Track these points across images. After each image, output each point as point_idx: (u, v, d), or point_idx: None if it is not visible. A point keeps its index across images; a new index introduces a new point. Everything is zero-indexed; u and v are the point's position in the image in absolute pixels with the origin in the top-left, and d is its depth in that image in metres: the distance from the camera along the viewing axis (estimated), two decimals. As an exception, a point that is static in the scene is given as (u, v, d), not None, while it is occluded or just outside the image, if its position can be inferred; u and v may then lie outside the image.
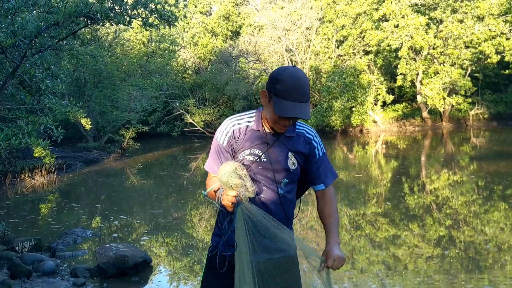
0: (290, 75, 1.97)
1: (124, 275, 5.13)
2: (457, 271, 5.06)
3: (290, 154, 2.11)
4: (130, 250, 5.36)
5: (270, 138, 2.10)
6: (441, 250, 5.83)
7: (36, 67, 5.84)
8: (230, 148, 2.12)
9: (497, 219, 7.20)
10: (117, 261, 5.10)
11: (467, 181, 10.34)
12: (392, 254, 5.82)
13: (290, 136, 2.13)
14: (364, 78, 21.06)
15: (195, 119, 23.83)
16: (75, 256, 6.07)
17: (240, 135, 2.11)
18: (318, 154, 2.19)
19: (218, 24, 28.86)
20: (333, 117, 20.53)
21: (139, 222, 8.01)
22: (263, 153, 2.08)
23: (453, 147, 16.59)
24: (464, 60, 20.12)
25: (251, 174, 2.07)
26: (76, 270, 5.20)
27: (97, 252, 5.30)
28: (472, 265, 5.27)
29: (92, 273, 5.20)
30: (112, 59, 19.69)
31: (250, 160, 2.08)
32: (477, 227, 6.86)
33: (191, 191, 11.63)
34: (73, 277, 5.12)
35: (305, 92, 1.96)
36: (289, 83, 1.95)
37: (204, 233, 7.35)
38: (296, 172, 2.15)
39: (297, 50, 23.70)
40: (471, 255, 5.59)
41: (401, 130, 21.98)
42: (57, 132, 5.08)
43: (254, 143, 2.10)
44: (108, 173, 15.16)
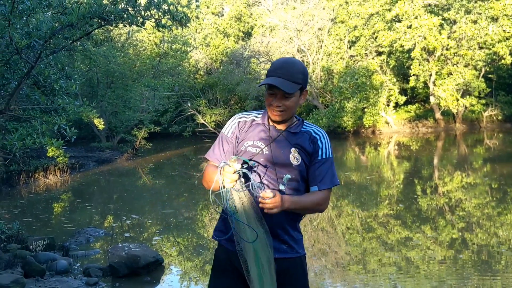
0: (280, 59, 2.11)
1: (136, 274, 5.16)
2: (470, 274, 5.01)
3: (293, 149, 2.10)
4: (142, 250, 5.38)
5: (273, 132, 2.12)
6: (454, 252, 5.78)
7: (51, 68, 5.91)
8: (234, 138, 2.16)
9: (510, 221, 7.11)
10: (129, 260, 5.13)
11: (480, 183, 10.23)
12: (404, 257, 5.78)
13: (294, 132, 2.13)
14: (376, 78, 20.95)
15: (207, 120, 23.90)
16: (87, 255, 6.13)
17: (245, 126, 2.16)
18: (321, 155, 2.13)
19: (230, 25, 28.92)
20: (345, 118, 20.45)
21: (150, 221, 8.06)
22: (266, 146, 2.09)
23: (466, 148, 16.43)
24: (477, 61, 19.92)
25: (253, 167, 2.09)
26: (89, 269, 5.24)
27: (109, 252, 5.34)
28: (485, 268, 5.22)
29: (105, 273, 5.24)
30: (125, 59, 19.83)
31: (252, 151, 2.09)
32: (490, 229, 6.79)
33: (202, 191, 11.66)
34: (86, 276, 5.16)
35: (287, 70, 2.01)
36: (276, 63, 2.06)
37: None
38: (300, 168, 2.10)
39: (309, 50, 23.65)
40: (484, 258, 5.54)
41: (414, 131, 21.82)
42: (71, 132, 5.13)
43: (258, 135, 2.12)
44: (120, 172, 15.28)
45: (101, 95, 19.10)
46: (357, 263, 5.72)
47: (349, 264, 5.70)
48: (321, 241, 6.69)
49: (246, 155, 2.09)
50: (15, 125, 5.88)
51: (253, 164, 2.05)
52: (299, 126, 2.16)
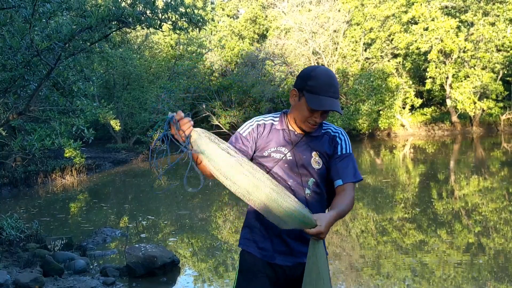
0: (323, 72, 2.02)
1: (153, 275, 5.21)
2: (486, 279, 4.96)
3: (314, 153, 2.10)
4: (158, 250, 5.44)
5: (294, 137, 2.11)
6: (470, 257, 5.72)
7: (70, 70, 6.01)
8: (251, 139, 2.12)
9: (529, 227, 7.01)
10: (145, 261, 5.18)
11: (497, 187, 10.10)
12: (419, 260, 5.74)
13: (315, 135, 2.13)
14: (392, 81, 20.81)
15: (221, 121, 23.99)
16: (104, 255, 6.21)
17: (264, 130, 2.13)
18: (341, 151, 2.12)
19: (245, 27, 29.00)
20: (360, 120, 20.34)
21: (166, 222, 8.13)
22: (289, 151, 2.09)
23: (484, 152, 16.22)
24: (495, 63, 19.67)
25: (278, 172, 2.08)
26: (106, 269, 5.31)
27: (126, 252, 5.40)
28: (502, 273, 5.16)
29: (121, 273, 5.30)
30: (141, 61, 20.03)
31: (276, 157, 2.08)
32: (508, 234, 6.70)
33: (216, 192, 11.71)
34: (103, 276, 5.23)
35: (337, 89, 2.02)
36: (323, 79, 1.99)
37: (229, 235, 7.40)
38: (321, 172, 2.11)
39: (324, 53, 23.60)
40: (501, 263, 5.47)
41: (430, 134, 21.62)
42: (89, 133, 5.21)
43: (280, 141, 2.10)
44: (136, 173, 15.43)
45: (117, 97, 19.31)
46: (372, 266, 5.69)
47: (363, 267, 5.68)
48: (336, 244, 6.67)
49: (270, 161, 2.09)
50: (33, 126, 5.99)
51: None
52: (319, 129, 2.15)
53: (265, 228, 2.10)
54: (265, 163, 2.11)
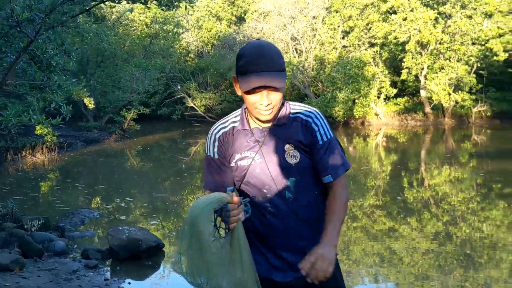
0: (251, 46, 1.69)
1: (137, 258, 5.08)
2: (453, 267, 5.05)
3: (287, 146, 1.76)
4: (143, 234, 5.31)
5: (258, 133, 1.78)
6: (437, 245, 5.82)
7: (50, 43, 5.79)
8: (223, 158, 1.83)
9: (494, 216, 7.18)
10: (129, 244, 5.05)
11: (466, 178, 10.31)
12: (388, 247, 5.81)
13: (282, 124, 1.78)
14: (368, 70, 20.92)
15: (196, 103, 23.73)
16: (83, 237, 6.04)
17: (228, 138, 1.81)
18: (321, 139, 1.78)
19: (223, 8, 28.58)
20: (336, 108, 20.42)
21: (145, 205, 8.00)
22: (256, 153, 1.77)
23: (454, 143, 16.54)
24: (470, 56, 19.98)
25: (250, 181, 1.79)
26: (88, 251, 5.14)
27: (109, 234, 5.25)
28: (468, 261, 5.26)
29: (104, 255, 5.15)
30: (116, 38, 19.55)
31: (244, 165, 1.78)
32: (474, 224, 6.85)
33: (191, 176, 11.61)
34: (85, 258, 5.07)
35: (271, 59, 1.64)
36: (250, 54, 1.66)
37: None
38: (302, 166, 1.77)
39: (302, 39, 23.52)
40: (467, 252, 5.58)
41: (403, 124, 21.91)
42: (67, 110, 5.05)
43: (244, 145, 1.79)
44: (109, 153, 15.16)
45: (90, 74, 18.83)
46: (341, 252, 5.73)
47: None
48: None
49: (238, 173, 1.80)
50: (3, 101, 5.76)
51: (247, 201, 1.74)
52: (286, 115, 1.79)
53: (258, 242, 1.84)
54: (236, 178, 1.82)
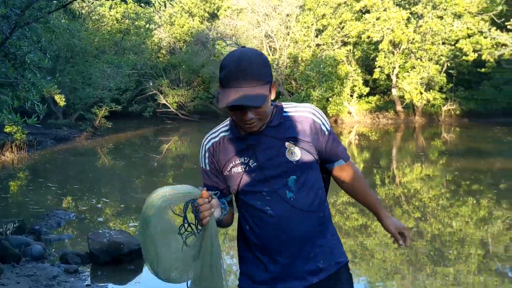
0: (231, 56, 1.58)
1: (118, 262, 4.92)
2: (424, 263, 5.09)
3: (287, 143, 1.68)
4: (124, 237, 5.15)
5: (251, 138, 1.69)
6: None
7: (26, 39, 5.58)
8: (215, 170, 1.77)
9: (463, 213, 7.30)
10: (110, 247, 4.89)
11: (436, 175, 10.48)
12: (360, 243, 5.83)
13: (277, 124, 1.70)
14: (342, 69, 21.09)
15: (169, 100, 23.45)
16: (61, 240, 5.83)
17: (219, 148, 1.75)
18: (326, 129, 1.76)
19: (196, 4, 28.30)
20: (310, 106, 20.56)
21: (122, 206, 7.79)
22: (249, 158, 1.69)
23: (424, 141, 16.82)
24: (440, 56, 20.36)
25: (246, 189, 1.71)
26: (67, 255, 4.96)
27: (89, 238, 5.06)
28: (438, 257, 5.32)
29: (83, 259, 4.98)
30: (86, 34, 19.11)
31: (238, 172, 1.70)
32: (444, 220, 6.95)
33: (165, 175, 11.45)
34: (64, 263, 4.88)
35: (251, 73, 1.54)
36: (230, 65, 1.56)
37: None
38: (303, 162, 1.69)
39: (276, 36, 23.52)
40: (437, 247, 5.65)
41: (375, 122, 22.18)
42: (42, 109, 4.88)
43: (236, 151, 1.71)
44: (80, 152, 14.82)
45: (59, 70, 18.36)
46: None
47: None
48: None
49: (233, 180, 1.71)
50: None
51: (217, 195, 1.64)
52: (279, 115, 1.71)
53: (256, 255, 1.75)
54: (231, 186, 1.75)
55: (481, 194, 8.43)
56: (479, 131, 18.61)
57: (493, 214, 7.13)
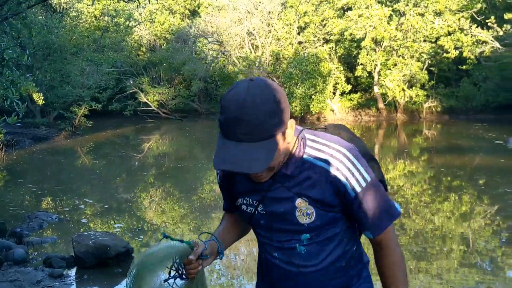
0: (234, 96, 1.25)
1: (105, 265, 4.74)
2: (407, 259, 5.06)
3: (299, 202, 1.37)
4: (110, 238, 4.97)
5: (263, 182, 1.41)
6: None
7: (4, 35, 5.37)
8: (227, 191, 1.57)
9: (445, 209, 7.32)
10: (97, 250, 4.71)
11: (418, 172, 10.52)
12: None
13: (293, 173, 1.37)
14: (324, 66, 21.09)
15: (149, 99, 23.15)
16: (44, 243, 5.61)
17: (231, 175, 1.51)
18: (354, 190, 1.35)
19: (176, 1, 28.03)
20: (294, 104, 20.49)
21: (106, 206, 7.55)
22: (258, 203, 1.43)
23: (406, 138, 16.92)
24: (422, 53, 20.51)
25: (257, 229, 1.52)
26: (51, 259, 4.75)
27: (74, 240, 4.87)
28: (421, 253, 5.30)
29: (68, 263, 4.78)
30: (65, 30, 18.74)
31: (247, 211, 1.48)
32: (427, 216, 6.94)
33: (148, 174, 11.28)
34: (48, 267, 4.68)
35: (252, 124, 1.22)
36: (230, 111, 1.24)
37: (178, 216, 7.10)
38: (317, 225, 1.39)
39: (258, 34, 23.43)
40: (419, 244, 5.63)
41: (357, 119, 22.25)
42: (22, 108, 4.71)
43: (246, 187, 1.46)
44: (59, 151, 14.52)
45: (37, 68, 17.96)
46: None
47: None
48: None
49: (244, 216, 1.51)
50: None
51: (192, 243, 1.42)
52: (297, 160, 1.37)
53: (262, 274, 1.61)
54: (243, 218, 1.54)
55: (462, 190, 8.47)
56: (459, 127, 18.80)
57: (474, 210, 7.16)
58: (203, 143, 16.61)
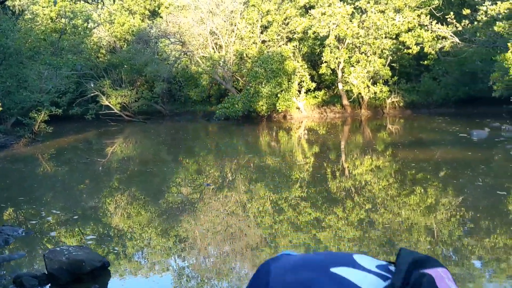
0: None
1: (80, 282, 4.50)
2: (377, 252, 5.06)
3: None
4: (84, 253, 4.72)
5: None
6: (361, 232, 5.84)
7: None
8: None
9: (411, 202, 7.40)
10: (71, 266, 4.47)
11: (384, 166, 10.64)
12: (313, 237, 5.73)
13: None
14: (289, 65, 21.13)
15: (111, 101, 22.59)
16: (11, 260, 5.27)
17: None
18: None
19: (136, 2, 27.50)
20: (260, 103, 20.43)
21: (76, 217, 7.14)
22: None
23: (371, 133, 17.16)
24: (384, 50, 20.84)
25: None
26: (21, 278, 4.45)
27: (46, 257, 4.59)
28: (390, 246, 5.32)
29: (41, 281, 4.50)
30: (20, 34, 18.06)
31: None
32: (394, 209, 7.00)
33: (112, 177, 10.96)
34: (18, 286, 4.39)
35: None
36: None
37: (144, 221, 6.86)
38: None
39: (221, 33, 23.26)
40: (388, 236, 5.65)
41: (322, 116, 22.43)
42: None
43: None
44: (20, 160, 13.93)
45: (-10, 73, 17.23)
46: (268, 245, 5.58)
47: (259, 246, 5.54)
48: (232, 225, 6.46)
49: None
50: None
51: None
52: None
53: None
54: None
55: (427, 183, 8.61)
56: (422, 121, 19.22)
57: (439, 202, 7.27)
58: (168, 145, 16.34)
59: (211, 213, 7.14)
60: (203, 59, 22.94)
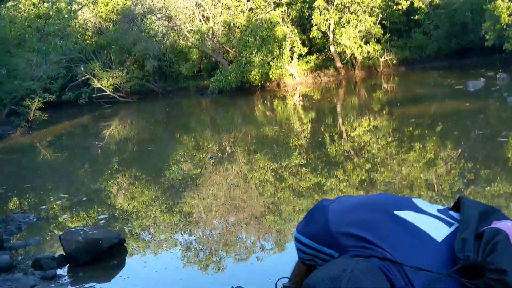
0: None
1: (99, 260, 4.54)
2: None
3: None
4: (100, 232, 4.74)
5: None
6: (363, 193, 5.91)
7: None
8: None
9: (411, 159, 7.46)
10: (88, 245, 4.49)
11: (382, 126, 10.67)
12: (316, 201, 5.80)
13: None
14: (279, 31, 20.84)
15: (104, 84, 22.37)
16: (27, 245, 5.31)
17: None
18: None
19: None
20: (253, 73, 20.24)
21: (84, 199, 7.17)
22: None
23: (367, 94, 17.12)
24: (373, 8, 20.55)
25: None
26: (40, 261, 4.47)
27: (62, 239, 4.62)
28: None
29: (59, 262, 4.53)
30: (5, 22, 17.76)
31: None
32: (394, 167, 7.07)
33: (112, 158, 11.01)
34: (38, 269, 4.39)
35: None
36: None
37: (155, 202, 6.94)
38: None
39: (207, 4, 22.86)
40: (391, 195, 5.72)
41: (316, 81, 22.30)
42: None
43: None
44: (18, 149, 13.96)
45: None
46: (272, 213, 5.65)
47: (264, 215, 5.61)
48: (236, 197, 6.53)
49: None
50: None
51: None
52: None
53: None
54: None
55: (426, 138, 8.66)
56: (417, 77, 19.16)
57: (439, 155, 7.33)
58: (164, 123, 16.32)
59: (214, 187, 7.21)
60: (191, 33, 22.63)
